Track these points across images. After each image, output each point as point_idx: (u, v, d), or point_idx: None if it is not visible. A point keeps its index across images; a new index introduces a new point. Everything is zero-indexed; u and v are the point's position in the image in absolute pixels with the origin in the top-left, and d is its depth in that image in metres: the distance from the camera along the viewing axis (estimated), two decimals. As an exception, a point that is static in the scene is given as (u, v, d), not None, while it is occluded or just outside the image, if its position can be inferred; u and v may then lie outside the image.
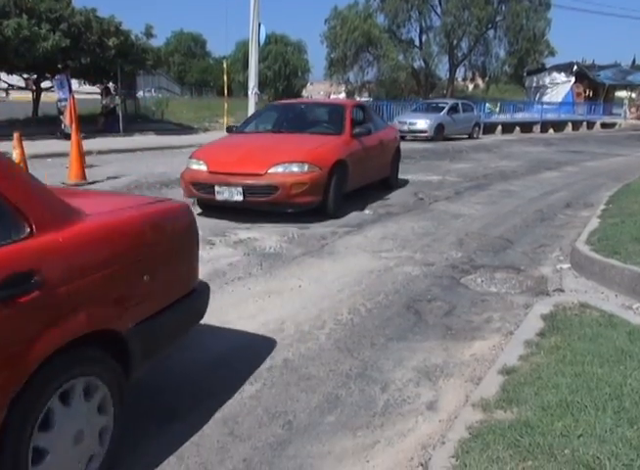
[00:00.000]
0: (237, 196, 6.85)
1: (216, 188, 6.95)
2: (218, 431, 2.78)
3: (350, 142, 8.20)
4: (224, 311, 4.20)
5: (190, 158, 7.65)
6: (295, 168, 6.97)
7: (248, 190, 6.84)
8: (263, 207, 7.00)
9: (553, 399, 2.72)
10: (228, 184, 6.88)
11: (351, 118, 8.59)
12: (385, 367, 3.50)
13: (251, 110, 17.30)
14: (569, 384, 2.86)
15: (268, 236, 6.42)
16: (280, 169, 6.94)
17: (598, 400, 2.69)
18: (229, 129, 9.61)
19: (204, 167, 7.27)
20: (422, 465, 2.54)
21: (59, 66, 16.43)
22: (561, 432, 2.44)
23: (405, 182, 10.73)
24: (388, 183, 9.90)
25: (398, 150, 10.56)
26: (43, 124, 17.44)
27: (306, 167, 7.00)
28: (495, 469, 2.23)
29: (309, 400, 3.09)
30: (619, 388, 2.80)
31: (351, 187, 8.04)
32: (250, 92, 19.33)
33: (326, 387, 3.24)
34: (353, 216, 7.64)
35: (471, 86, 48.52)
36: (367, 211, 8.01)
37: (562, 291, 4.90)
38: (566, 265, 5.62)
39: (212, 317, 4.07)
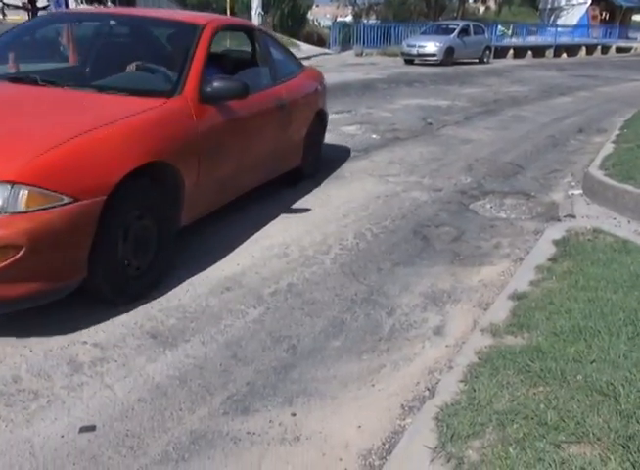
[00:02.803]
0: None
1: None
2: (221, 354, 2.73)
3: (194, 114, 3.54)
4: (227, 236, 4.11)
5: None
6: None
7: None
8: None
9: (565, 324, 2.64)
10: None
11: (203, 59, 3.82)
12: (391, 292, 3.43)
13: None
14: (581, 309, 2.78)
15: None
16: None
17: (612, 326, 2.60)
18: None
19: None
20: (428, 389, 2.49)
21: (54, -17, 15.78)
22: (573, 357, 2.37)
23: (410, 106, 10.43)
24: (300, 174, 5.45)
25: (322, 115, 5.87)
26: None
27: (22, 200, 2.48)
28: (505, 394, 2.17)
29: (314, 325, 3.03)
30: (634, 313, 2.72)
31: (202, 210, 3.89)
32: (253, 13, 18.67)
33: (331, 311, 3.18)
34: (358, 141, 7.43)
35: (482, 8, 46.71)
36: (374, 136, 7.78)
37: (573, 217, 4.78)
38: (577, 191, 5.48)
39: (215, 241, 4.00)
